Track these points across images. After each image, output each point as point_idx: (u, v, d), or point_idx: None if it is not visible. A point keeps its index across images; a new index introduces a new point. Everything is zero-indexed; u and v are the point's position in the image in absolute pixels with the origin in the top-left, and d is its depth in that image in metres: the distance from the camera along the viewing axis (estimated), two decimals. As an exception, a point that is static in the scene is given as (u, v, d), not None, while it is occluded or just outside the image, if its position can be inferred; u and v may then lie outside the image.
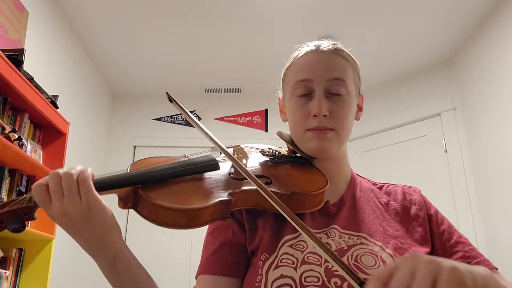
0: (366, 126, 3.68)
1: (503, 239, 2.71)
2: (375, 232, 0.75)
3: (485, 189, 2.94)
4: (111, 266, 0.66)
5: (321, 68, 0.80)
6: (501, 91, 2.73)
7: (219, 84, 3.85)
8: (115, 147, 3.86)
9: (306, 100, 0.80)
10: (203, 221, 0.64)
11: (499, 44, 2.74)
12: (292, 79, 0.83)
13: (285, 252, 0.71)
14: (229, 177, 0.72)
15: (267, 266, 0.69)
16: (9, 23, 2.20)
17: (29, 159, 1.97)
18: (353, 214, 0.79)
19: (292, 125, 0.84)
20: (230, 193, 0.67)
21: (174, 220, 0.63)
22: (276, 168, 0.79)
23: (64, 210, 0.61)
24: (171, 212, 0.62)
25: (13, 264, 2.05)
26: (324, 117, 0.78)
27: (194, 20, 2.95)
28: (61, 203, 0.61)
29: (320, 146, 0.79)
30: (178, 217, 0.63)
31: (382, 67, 3.48)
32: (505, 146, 2.67)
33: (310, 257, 0.69)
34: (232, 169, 0.75)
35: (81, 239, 0.65)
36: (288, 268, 0.68)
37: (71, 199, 0.61)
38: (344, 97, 0.80)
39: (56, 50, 2.81)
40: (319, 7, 2.78)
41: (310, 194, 0.73)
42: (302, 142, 0.82)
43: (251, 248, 0.74)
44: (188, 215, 0.63)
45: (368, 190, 0.86)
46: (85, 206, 0.62)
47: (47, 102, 2.18)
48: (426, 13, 2.85)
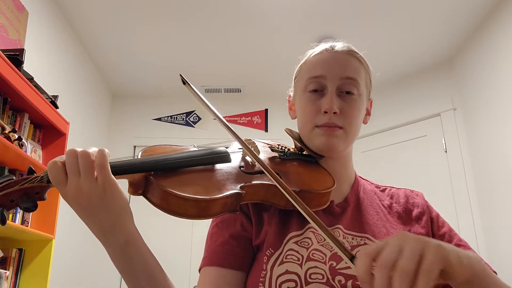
0: (366, 126, 3.64)
1: (503, 239, 2.71)
2: (378, 233, 0.76)
3: (485, 189, 2.94)
4: (122, 251, 0.64)
5: (336, 66, 0.81)
6: (501, 91, 2.73)
7: (219, 84, 3.85)
8: (115, 147, 3.86)
9: (317, 96, 0.81)
10: (213, 212, 0.64)
11: (499, 44, 2.74)
12: (306, 75, 0.84)
13: (291, 248, 0.71)
14: (239, 170, 0.72)
15: (272, 262, 0.70)
16: (9, 23, 2.20)
17: (29, 159, 1.97)
18: (357, 215, 0.79)
19: (301, 121, 0.84)
20: (242, 186, 0.67)
21: (185, 209, 0.62)
22: (284, 165, 0.80)
23: (80, 190, 0.60)
24: (183, 201, 0.62)
25: (13, 264, 2.05)
26: (334, 115, 0.78)
27: (194, 20, 2.95)
28: (77, 182, 0.60)
29: (327, 143, 0.79)
30: (190, 206, 0.62)
31: (382, 67, 3.48)
32: (505, 146, 2.67)
33: (315, 254, 0.70)
34: (242, 162, 0.75)
35: (94, 221, 0.62)
36: (293, 264, 0.68)
37: (87, 179, 0.60)
38: (355, 97, 0.81)
39: (56, 50, 2.81)
40: (319, 8, 2.78)
41: (319, 192, 0.73)
42: (310, 138, 0.82)
43: (257, 243, 0.74)
44: (199, 205, 0.62)
45: (371, 192, 0.86)
46: (101, 187, 0.60)
47: (47, 102, 2.18)
48: (426, 13, 2.85)
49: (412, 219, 0.81)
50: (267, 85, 3.75)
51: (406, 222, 0.80)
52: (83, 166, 0.60)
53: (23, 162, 1.99)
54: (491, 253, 2.85)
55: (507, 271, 2.63)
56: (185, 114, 4.03)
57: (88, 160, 0.60)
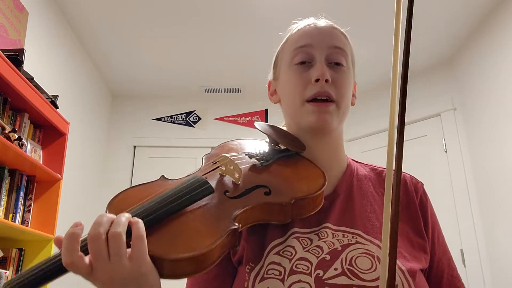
0: (366, 126, 3.68)
1: (503, 239, 2.71)
2: (371, 228, 0.69)
3: (485, 189, 2.94)
4: None
5: (322, 35, 0.77)
6: (501, 91, 2.73)
7: (219, 84, 3.85)
8: (115, 147, 3.86)
9: (305, 68, 0.75)
10: (213, 260, 0.55)
11: (499, 44, 2.74)
12: (291, 48, 0.79)
13: (272, 261, 0.65)
14: (225, 198, 0.63)
15: (253, 278, 0.65)
16: (9, 23, 2.20)
17: (29, 159, 1.97)
18: (347, 207, 0.73)
19: (289, 98, 0.78)
20: (234, 218, 0.59)
21: (182, 270, 0.53)
22: (268, 171, 0.72)
23: (111, 277, 0.50)
24: (176, 263, 0.53)
25: (13, 264, 2.05)
26: (326, 83, 0.72)
27: (194, 20, 2.95)
28: (107, 269, 0.49)
29: (320, 119, 0.72)
30: (186, 266, 0.53)
31: (382, 68, 3.47)
32: (505, 146, 2.67)
33: (299, 265, 0.64)
34: (223, 186, 0.66)
35: None
36: (274, 281, 0.63)
37: (119, 264, 0.49)
38: (345, 69, 0.76)
39: (56, 50, 2.81)
40: (319, 8, 2.79)
41: (313, 196, 0.67)
42: (299, 116, 0.75)
43: (236, 259, 0.69)
44: (197, 260, 0.53)
45: (365, 179, 0.79)
46: (134, 269, 0.50)
47: (47, 102, 2.18)
48: (426, 13, 2.85)
49: (404, 212, 0.74)
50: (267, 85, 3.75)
51: (401, 214, 0.72)
52: (114, 253, 0.49)
53: (23, 162, 1.99)
54: (491, 253, 2.85)
55: (507, 271, 2.63)
56: (185, 114, 4.03)
57: (120, 242, 0.50)
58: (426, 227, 0.74)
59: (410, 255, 0.68)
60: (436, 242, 0.75)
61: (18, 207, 2.05)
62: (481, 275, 2.88)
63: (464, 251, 2.99)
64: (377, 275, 0.62)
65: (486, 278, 2.85)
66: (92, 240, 0.49)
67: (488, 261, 2.88)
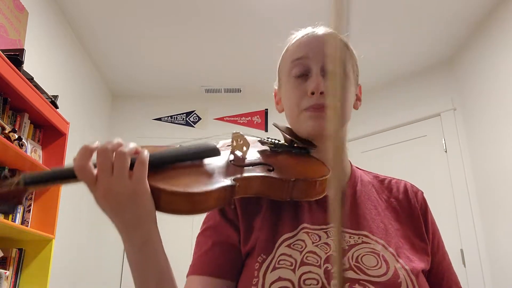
0: (366, 126, 3.68)
1: (503, 239, 2.71)
2: (377, 229, 0.73)
3: (485, 189, 2.94)
4: (140, 250, 0.62)
5: (318, 45, 0.78)
6: (501, 91, 2.73)
7: (219, 84, 3.85)
8: (115, 147, 3.86)
9: (302, 80, 0.78)
10: (206, 206, 0.62)
11: (499, 44, 2.74)
12: (289, 60, 0.81)
13: (283, 252, 0.68)
14: (230, 164, 0.69)
15: (264, 268, 0.67)
16: (9, 23, 2.20)
17: (29, 159, 1.97)
18: (353, 210, 0.76)
19: (288, 108, 0.81)
20: (234, 178, 0.65)
21: (177, 205, 0.60)
22: (276, 157, 0.76)
23: (110, 190, 0.57)
24: (174, 197, 0.60)
25: (13, 264, 2.05)
26: (321, 95, 0.74)
27: (194, 20, 2.95)
28: (108, 182, 0.57)
29: (317, 126, 0.75)
30: (182, 202, 0.60)
31: (382, 67, 3.48)
32: (505, 146, 2.67)
33: (309, 257, 0.67)
34: (232, 156, 0.72)
35: (119, 219, 0.60)
36: (286, 270, 0.66)
37: (120, 180, 0.57)
38: None
39: (56, 50, 2.81)
40: (319, 8, 2.78)
41: (315, 180, 0.69)
42: (298, 124, 0.78)
43: (246, 249, 0.72)
44: (192, 200, 0.60)
45: (369, 185, 0.83)
46: (132, 188, 0.58)
47: (47, 102, 2.18)
48: (426, 13, 2.85)
49: (408, 216, 0.78)
50: (267, 85, 3.73)
51: (398, 219, 0.77)
52: (118, 168, 0.57)
53: (23, 162, 1.99)
54: (491, 253, 2.85)
55: (507, 271, 2.63)
56: (185, 114, 4.03)
57: (124, 160, 0.58)
58: (427, 232, 0.78)
59: (413, 256, 0.72)
60: (436, 247, 0.78)
61: (18, 207, 2.06)
62: (481, 275, 2.88)
63: (464, 251, 3.00)
64: (382, 271, 0.66)
65: (486, 278, 2.85)
66: (100, 153, 0.58)
67: (488, 261, 2.88)
